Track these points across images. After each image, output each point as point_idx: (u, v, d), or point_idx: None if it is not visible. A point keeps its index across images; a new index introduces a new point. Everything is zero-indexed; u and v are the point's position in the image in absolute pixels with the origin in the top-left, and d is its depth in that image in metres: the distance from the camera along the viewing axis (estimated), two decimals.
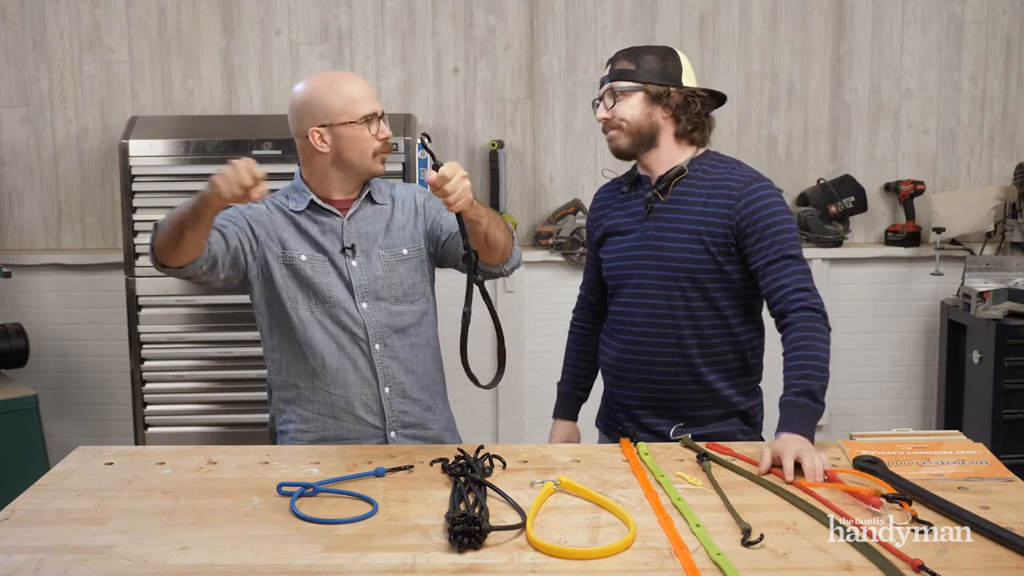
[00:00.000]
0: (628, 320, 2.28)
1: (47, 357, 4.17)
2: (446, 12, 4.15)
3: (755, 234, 2.16)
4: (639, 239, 2.26)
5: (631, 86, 2.21)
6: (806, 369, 2.04)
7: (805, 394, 2.01)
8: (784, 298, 2.13)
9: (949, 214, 4.11)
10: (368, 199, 2.29)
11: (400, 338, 2.26)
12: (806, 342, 2.07)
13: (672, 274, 2.21)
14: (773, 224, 2.16)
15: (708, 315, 2.22)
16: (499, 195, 4.13)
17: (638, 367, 2.27)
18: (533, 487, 1.84)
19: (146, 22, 4.12)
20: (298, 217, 2.26)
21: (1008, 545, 1.56)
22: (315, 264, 2.23)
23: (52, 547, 1.59)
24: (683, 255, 2.20)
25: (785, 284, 2.13)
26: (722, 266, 2.19)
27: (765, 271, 2.15)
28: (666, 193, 2.24)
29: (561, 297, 4.11)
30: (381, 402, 2.25)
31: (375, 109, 2.21)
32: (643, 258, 2.25)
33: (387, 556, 1.55)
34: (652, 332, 2.25)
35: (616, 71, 2.23)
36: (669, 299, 2.22)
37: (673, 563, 1.53)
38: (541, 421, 4.27)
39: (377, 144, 2.21)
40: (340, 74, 2.30)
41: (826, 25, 4.20)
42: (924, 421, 4.31)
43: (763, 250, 2.15)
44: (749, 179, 2.21)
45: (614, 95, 2.23)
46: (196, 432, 3.79)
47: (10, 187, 4.19)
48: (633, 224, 2.28)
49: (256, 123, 3.90)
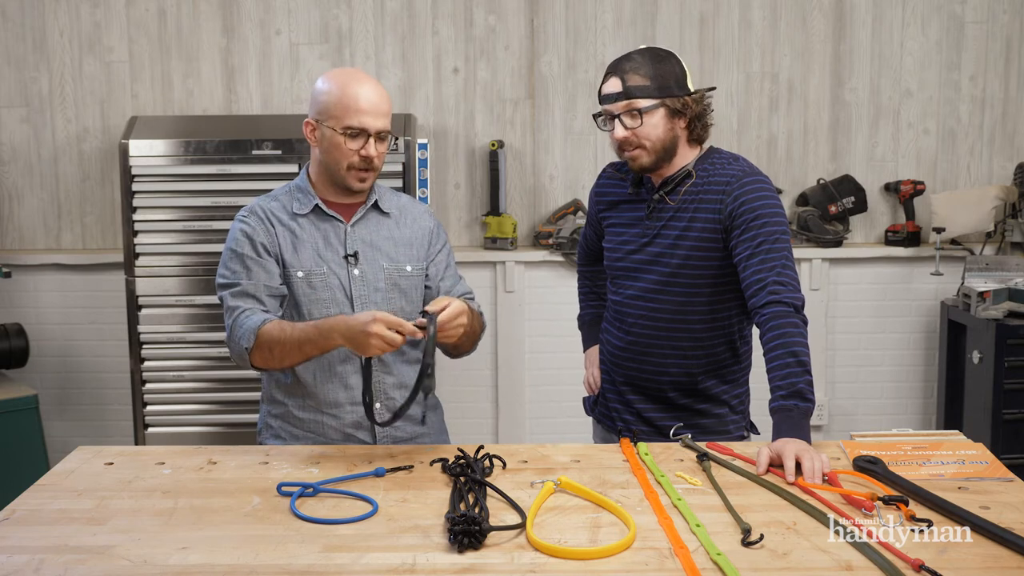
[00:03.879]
0: (625, 311, 2.32)
1: (47, 357, 4.17)
2: (446, 12, 4.15)
3: (741, 226, 2.15)
4: (640, 236, 2.28)
5: (652, 104, 2.16)
6: (788, 368, 2.03)
7: (792, 395, 2.00)
8: (760, 292, 2.10)
9: (949, 214, 4.11)
10: (374, 207, 2.25)
11: (395, 353, 2.18)
12: (783, 339, 2.05)
13: (670, 271, 2.23)
14: (759, 216, 2.14)
15: (701, 312, 2.24)
16: (499, 195, 4.13)
17: (634, 355, 2.32)
18: (533, 487, 1.84)
19: (146, 22, 4.12)
20: (301, 221, 2.20)
21: (1008, 545, 1.56)
22: (312, 279, 2.18)
23: (52, 547, 1.59)
24: (681, 252, 2.21)
25: (763, 277, 2.10)
26: (719, 262, 2.20)
27: (747, 263, 2.13)
28: (671, 194, 2.24)
29: (561, 297, 4.13)
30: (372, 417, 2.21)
31: (368, 126, 2.11)
32: (642, 255, 2.27)
33: (387, 556, 1.55)
34: (648, 326, 2.28)
35: (631, 87, 2.16)
36: (665, 297, 2.25)
37: (673, 563, 1.53)
38: (541, 421, 4.29)
39: (354, 159, 2.13)
40: (360, 79, 2.16)
41: (826, 25, 4.20)
42: (924, 421, 4.31)
43: (746, 241, 2.14)
44: (742, 172, 2.20)
45: (635, 114, 2.17)
46: (196, 432, 3.79)
47: (10, 187, 4.19)
48: (635, 221, 2.30)
49: (256, 123, 3.90)
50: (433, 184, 4.10)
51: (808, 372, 2.03)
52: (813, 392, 2.02)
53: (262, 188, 3.65)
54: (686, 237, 2.21)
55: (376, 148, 2.14)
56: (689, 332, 2.26)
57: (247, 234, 2.18)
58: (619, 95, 2.17)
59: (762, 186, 2.18)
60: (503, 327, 4.20)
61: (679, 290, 2.24)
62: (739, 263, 2.15)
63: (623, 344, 2.34)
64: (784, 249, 2.14)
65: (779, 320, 2.06)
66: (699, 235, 2.20)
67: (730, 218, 2.16)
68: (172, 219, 3.72)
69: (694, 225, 2.20)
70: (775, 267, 2.10)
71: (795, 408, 1.99)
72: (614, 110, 2.19)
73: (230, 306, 2.15)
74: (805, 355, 2.04)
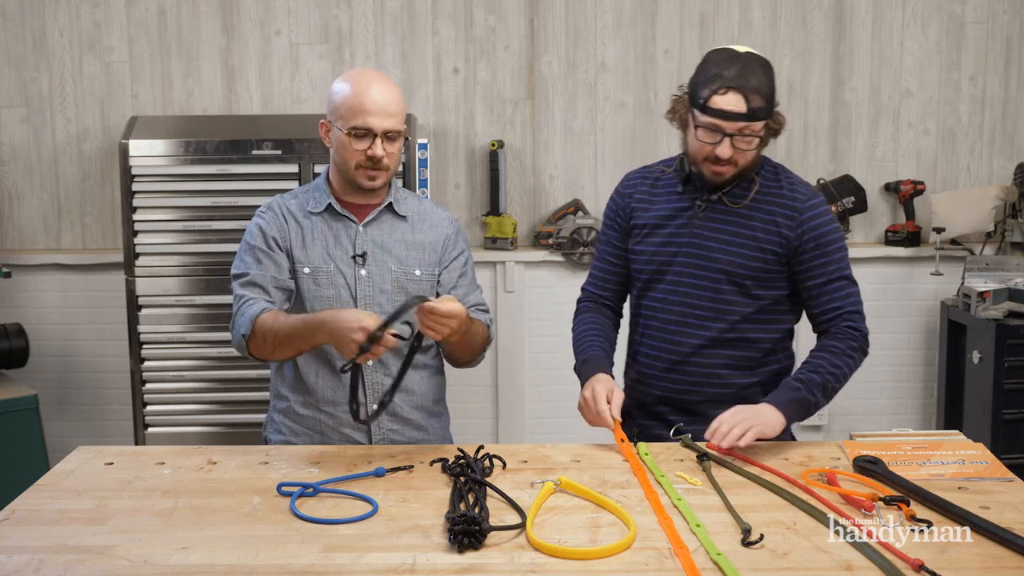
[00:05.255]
0: (662, 316, 2.24)
1: (47, 357, 4.16)
2: (446, 12, 4.15)
3: (813, 251, 2.16)
4: (682, 235, 2.21)
5: (761, 126, 2.10)
6: (820, 368, 2.10)
7: (803, 382, 2.07)
8: (836, 319, 2.16)
9: (949, 214, 4.11)
10: (389, 208, 2.25)
11: (397, 357, 2.19)
12: (833, 351, 2.13)
13: (714, 275, 2.18)
14: (831, 243, 2.17)
15: (743, 318, 2.20)
16: (499, 195, 4.13)
17: (668, 364, 2.23)
18: (533, 487, 1.84)
19: (146, 22, 4.12)
20: (314, 219, 2.22)
21: (1008, 545, 1.57)
22: (318, 276, 2.19)
23: (52, 547, 1.59)
24: (730, 258, 2.17)
25: (839, 307, 2.17)
26: (768, 275, 2.18)
27: (821, 290, 2.17)
28: (730, 196, 2.19)
29: (561, 297, 4.13)
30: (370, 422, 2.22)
31: (373, 126, 2.11)
32: (684, 255, 2.21)
33: (387, 556, 1.55)
34: (685, 331, 2.21)
35: (755, 109, 2.06)
36: (706, 298, 2.19)
37: (673, 563, 1.53)
38: (541, 421, 4.29)
39: (361, 159, 2.14)
40: (370, 79, 2.16)
41: (826, 25, 4.20)
42: (924, 421, 4.31)
43: (818, 268, 2.16)
44: (810, 194, 2.20)
45: (750, 138, 2.09)
46: (196, 432, 3.79)
47: (10, 187, 4.18)
48: (675, 217, 2.23)
49: (256, 123, 3.90)
50: (433, 184, 4.09)
51: (832, 384, 2.09)
52: (823, 400, 2.08)
53: (262, 188, 3.66)
54: (740, 242, 2.17)
55: (384, 148, 2.14)
56: (726, 331, 2.20)
57: (261, 228, 2.23)
58: (741, 116, 2.06)
59: (826, 209, 2.21)
60: (503, 327, 4.20)
61: (719, 294, 2.18)
62: (811, 288, 2.18)
63: (655, 344, 2.24)
64: (853, 278, 2.20)
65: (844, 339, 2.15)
66: (761, 244, 2.17)
67: (799, 241, 2.16)
68: (172, 219, 3.72)
69: (757, 235, 2.17)
70: (849, 297, 2.18)
71: (797, 390, 2.06)
72: (729, 129, 2.07)
73: (237, 295, 2.19)
74: (843, 375, 2.12)
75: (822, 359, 2.13)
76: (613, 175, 4.24)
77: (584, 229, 4.10)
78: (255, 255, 2.20)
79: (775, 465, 1.93)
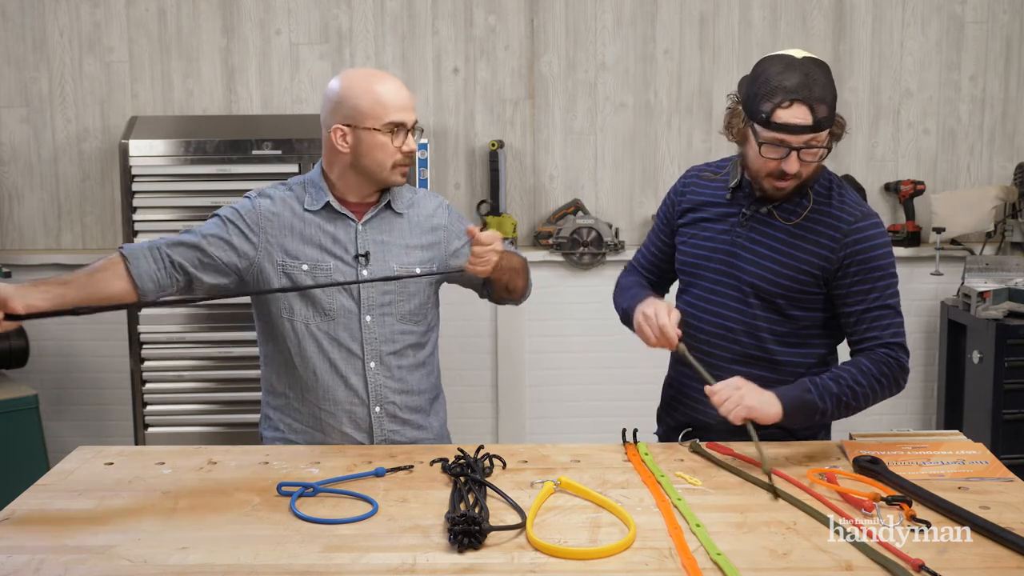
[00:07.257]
0: (695, 324, 2.17)
1: (47, 357, 4.16)
2: (446, 12, 4.15)
3: (855, 276, 2.06)
4: (720, 241, 2.16)
5: (826, 135, 2.01)
6: (841, 379, 2.02)
7: (818, 387, 2.01)
8: (875, 347, 2.06)
9: (949, 214, 4.11)
10: (387, 207, 2.23)
11: (397, 358, 2.21)
12: (863, 368, 2.04)
13: (744, 288, 2.12)
14: (877, 269, 2.07)
15: (775, 338, 2.13)
16: (499, 195, 4.13)
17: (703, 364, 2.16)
18: (533, 487, 1.84)
19: (146, 22, 4.12)
20: (310, 218, 2.19)
21: (1008, 545, 1.57)
22: (317, 274, 2.16)
23: (52, 547, 1.59)
24: (761, 272, 2.10)
25: (877, 336, 2.06)
26: (803, 295, 2.10)
27: (860, 317, 2.07)
28: (781, 211, 2.10)
29: (561, 297, 4.13)
30: (371, 421, 2.21)
31: (405, 119, 2.12)
32: (717, 262, 2.16)
33: (387, 556, 1.55)
34: (718, 344, 2.15)
35: (821, 120, 1.96)
36: (736, 310, 2.13)
37: (673, 563, 1.53)
38: (541, 421, 4.29)
39: (398, 156, 2.14)
40: (381, 75, 2.16)
41: (826, 25, 4.20)
42: (924, 421, 4.31)
43: (861, 294, 2.06)
44: (860, 214, 2.08)
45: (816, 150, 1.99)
46: (196, 432, 3.79)
47: (10, 187, 4.18)
48: (719, 222, 2.17)
49: (256, 123, 3.90)
50: (433, 184, 4.10)
51: (850, 402, 2.02)
52: (826, 411, 2.01)
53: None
54: (776, 258, 2.09)
55: (411, 142, 2.16)
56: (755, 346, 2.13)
57: (237, 211, 2.20)
58: (808, 128, 1.96)
59: (878, 231, 2.09)
60: (503, 327, 4.19)
61: (748, 307, 2.12)
62: (851, 315, 2.08)
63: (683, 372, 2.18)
64: (898, 307, 2.09)
65: (881, 363, 2.05)
66: (800, 265, 2.08)
67: (840, 264, 2.06)
68: (172, 219, 3.71)
69: (796, 253, 2.08)
70: (891, 328, 2.07)
71: (807, 391, 2.00)
72: (795, 143, 1.97)
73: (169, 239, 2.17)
74: (865, 396, 2.03)
75: (847, 372, 2.04)
76: (613, 175, 4.24)
77: (584, 229, 4.10)
78: (213, 226, 2.17)
79: (775, 465, 1.93)
